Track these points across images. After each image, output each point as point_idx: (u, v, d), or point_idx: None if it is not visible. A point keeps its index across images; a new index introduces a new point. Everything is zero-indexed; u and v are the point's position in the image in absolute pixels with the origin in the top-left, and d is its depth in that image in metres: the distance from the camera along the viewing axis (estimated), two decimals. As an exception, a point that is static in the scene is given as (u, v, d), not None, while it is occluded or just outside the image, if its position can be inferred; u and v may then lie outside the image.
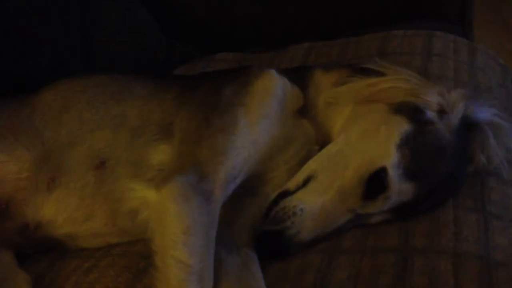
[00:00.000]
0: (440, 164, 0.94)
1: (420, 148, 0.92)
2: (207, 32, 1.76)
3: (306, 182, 0.94)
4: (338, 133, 1.00)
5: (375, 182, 0.90)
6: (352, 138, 0.97)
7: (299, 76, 1.09)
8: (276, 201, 0.94)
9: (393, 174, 0.90)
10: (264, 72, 1.06)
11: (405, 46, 1.41)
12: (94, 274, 0.97)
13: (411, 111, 0.95)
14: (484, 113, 0.99)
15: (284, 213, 0.91)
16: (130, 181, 1.00)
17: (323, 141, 1.02)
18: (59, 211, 1.03)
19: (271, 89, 1.03)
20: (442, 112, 0.97)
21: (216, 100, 1.02)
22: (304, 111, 1.05)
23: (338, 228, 0.93)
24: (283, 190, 0.95)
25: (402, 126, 0.94)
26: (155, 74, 1.32)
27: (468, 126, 0.98)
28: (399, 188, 0.90)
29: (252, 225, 0.99)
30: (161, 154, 1.01)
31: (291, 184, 0.96)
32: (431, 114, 0.96)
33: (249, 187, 1.00)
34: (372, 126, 0.96)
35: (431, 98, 0.97)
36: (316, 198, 0.91)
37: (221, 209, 0.92)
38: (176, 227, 0.86)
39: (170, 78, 1.22)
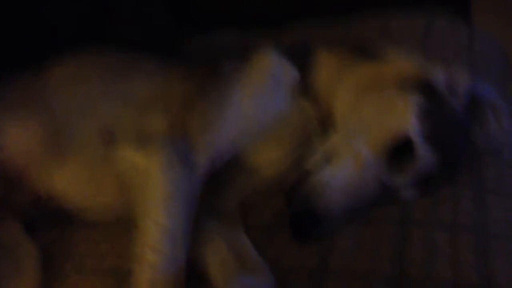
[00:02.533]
0: (458, 137, 0.97)
1: (439, 120, 0.94)
2: (210, 10, 1.77)
3: (326, 161, 0.93)
4: (343, 113, 1.01)
5: (400, 152, 0.91)
6: (365, 115, 0.97)
7: (300, 54, 1.10)
8: (299, 183, 0.92)
9: (418, 142, 0.91)
10: (262, 50, 1.07)
11: (406, 28, 1.43)
12: (106, 243, 1.00)
13: (422, 87, 0.97)
14: (485, 91, 1.01)
15: (311, 191, 0.89)
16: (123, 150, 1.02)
17: (324, 121, 1.04)
18: (70, 184, 1.05)
19: (269, 66, 1.05)
20: (450, 88, 0.98)
21: (215, 74, 1.04)
22: (303, 90, 1.06)
23: (369, 201, 0.91)
24: (303, 170, 0.94)
25: (418, 100, 0.94)
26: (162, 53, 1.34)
27: (477, 103, 1.00)
28: (425, 157, 0.91)
29: (241, 198, 1.02)
30: (157, 127, 1.03)
31: (311, 165, 0.94)
32: (442, 89, 0.98)
33: (241, 161, 1.03)
34: (386, 102, 0.96)
35: (438, 75, 0.99)
36: (341, 172, 0.90)
37: (211, 180, 0.96)
38: (158, 192, 0.91)
39: (177, 58, 1.24)
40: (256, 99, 1.01)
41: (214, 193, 1.01)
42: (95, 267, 0.96)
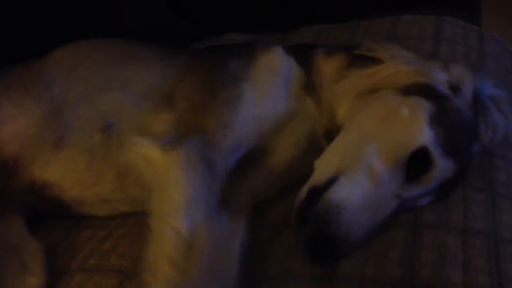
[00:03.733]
0: (469, 138, 0.94)
1: (449, 124, 0.90)
2: (217, 14, 1.77)
3: (334, 178, 0.86)
4: (343, 121, 0.98)
5: (415, 163, 0.87)
6: (367, 125, 0.92)
7: (302, 57, 1.09)
8: (309, 200, 0.85)
9: (435, 151, 0.87)
10: (270, 48, 1.07)
11: (415, 30, 1.42)
12: (110, 243, 0.99)
13: (424, 90, 0.94)
14: (486, 87, 0.98)
15: (328, 212, 0.82)
16: (133, 151, 0.97)
17: (328, 126, 1.02)
18: (67, 172, 1.03)
19: (277, 65, 1.04)
20: (452, 88, 0.96)
21: (222, 72, 1.03)
22: (307, 91, 1.06)
23: (387, 216, 0.86)
24: (311, 186, 0.87)
25: (423, 105, 0.91)
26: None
27: (479, 99, 0.97)
28: (443, 165, 0.87)
29: (251, 195, 1.00)
30: (162, 123, 1.00)
31: (318, 181, 0.87)
32: (444, 90, 0.95)
33: (252, 159, 1.01)
34: (388, 110, 0.92)
35: (438, 75, 0.96)
36: (356, 190, 0.84)
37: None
38: (179, 194, 0.84)
39: (177, 49, 1.22)
40: (268, 99, 1.00)
41: (225, 187, 0.95)
42: (99, 266, 0.95)
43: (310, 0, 1.70)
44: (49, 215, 1.09)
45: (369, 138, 0.89)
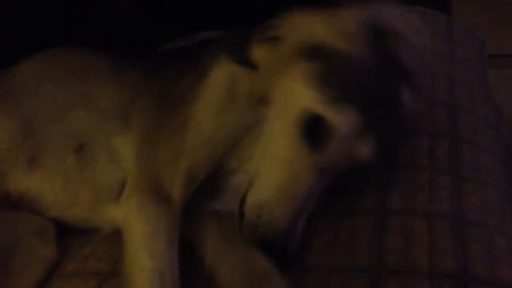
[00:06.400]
0: (368, 86, 0.86)
1: (337, 79, 0.85)
2: (193, 13, 1.78)
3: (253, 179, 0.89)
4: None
5: (315, 131, 0.85)
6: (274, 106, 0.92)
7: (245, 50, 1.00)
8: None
9: (324, 111, 0.84)
10: (217, 61, 1.01)
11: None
12: (89, 248, 1.02)
13: (310, 51, 0.88)
14: (382, 16, 0.90)
15: (250, 221, 0.86)
16: (107, 172, 1.03)
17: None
18: (43, 193, 1.05)
19: (222, 82, 0.99)
20: (342, 35, 0.88)
21: (170, 95, 1.02)
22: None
23: (312, 191, 0.86)
24: (244, 192, 0.90)
25: (306, 66, 0.87)
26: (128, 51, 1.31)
27: (381, 34, 0.88)
28: (340, 122, 0.83)
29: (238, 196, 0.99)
30: (127, 144, 1.03)
31: (245, 187, 0.90)
32: (332, 41, 0.87)
33: (227, 167, 1.00)
34: (283, 82, 0.90)
35: (323, 28, 0.89)
36: (270, 182, 0.86)
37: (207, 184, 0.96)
38: (136, 235, 0.90)
39: (133, 58, 1.18)
40: (215, 118, 0.97)
41: (214, 199, 1.00)
42: (77, 271, 0.97)
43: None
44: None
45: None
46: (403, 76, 0.89)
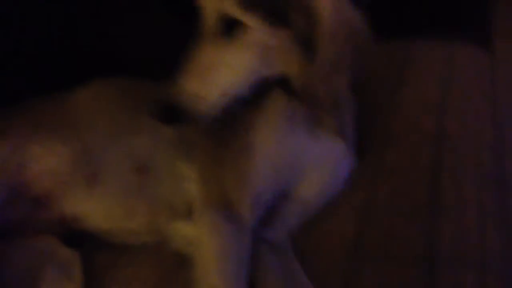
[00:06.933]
0: None
1: None
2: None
3: None
4: None
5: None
6: None
7: None
8: None
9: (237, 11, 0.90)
10: (273, 94, 1.03)
11: (428, 55, 1.44)
12: (131, 269, 1.02)
13: None
14: None
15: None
16: (169, 191, 1.05)
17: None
18: (98, 208, 1.07)
19: (281, 110, 1.02)
20: None
21: (233, 121, 1.03)
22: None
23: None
24: None
25: None
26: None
27: None
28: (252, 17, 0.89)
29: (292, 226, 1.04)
30: (190, 165, 1.05)
31: None
32: None
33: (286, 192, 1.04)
34: None
35: None
36: None
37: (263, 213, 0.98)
38: (209, 256, 0.92)
39: None
40: (278, 142, 1.00)
41: (264, 223, 1.01)
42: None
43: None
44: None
45: None
46: None
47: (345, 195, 1.07)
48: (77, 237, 1.09)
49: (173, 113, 0.90)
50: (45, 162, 1.09)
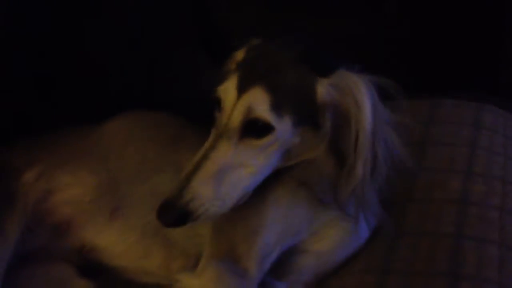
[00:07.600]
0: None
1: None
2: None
3: None
4: None
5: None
6: None
7: None
8: None
9: (267, 115, 0.89)
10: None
11: (455, 115, 1.43)
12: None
13: None
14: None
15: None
16: (182, 240, 1.05)
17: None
18: (118, 242, 1.07)
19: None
20: None
21: None
22: None
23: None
24: None
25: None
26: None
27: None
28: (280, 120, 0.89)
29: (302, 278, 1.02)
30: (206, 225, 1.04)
31: None
32: None
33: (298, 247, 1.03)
34: None
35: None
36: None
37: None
38: None
39: None
40: (291, 198, 0.99)
41: (278, 277, 1.01)
42: None
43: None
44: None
45: None
46: None
47: (363, 254, 1.05)
48: (93, 268, 1.10)
49: (177, 218, 0.88)
50: (70, 190, 1.10)
